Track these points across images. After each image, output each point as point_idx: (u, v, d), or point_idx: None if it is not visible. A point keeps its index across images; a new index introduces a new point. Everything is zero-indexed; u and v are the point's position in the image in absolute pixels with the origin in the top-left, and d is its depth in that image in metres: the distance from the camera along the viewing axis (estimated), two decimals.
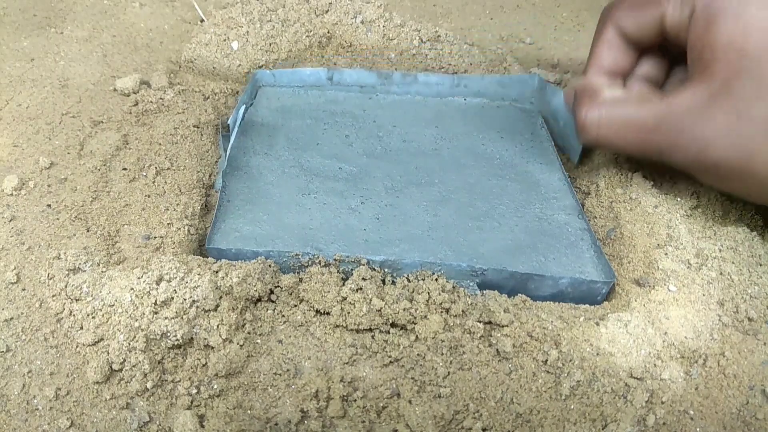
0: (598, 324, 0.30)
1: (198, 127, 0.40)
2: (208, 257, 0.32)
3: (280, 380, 0.28)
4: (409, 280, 0.31)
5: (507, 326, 0.29)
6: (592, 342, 0.30)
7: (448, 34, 0.50)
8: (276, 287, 0.30)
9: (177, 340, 0.27)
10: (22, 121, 0.38)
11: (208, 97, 0.44)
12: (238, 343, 0.28)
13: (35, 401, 0.27)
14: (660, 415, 0.28)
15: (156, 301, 0.28)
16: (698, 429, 0.28)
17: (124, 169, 0.36)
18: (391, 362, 0.29)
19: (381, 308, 0.29)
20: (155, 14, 0.52)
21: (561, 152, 0.43)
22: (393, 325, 0.29)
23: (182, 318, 0.28)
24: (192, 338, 0.28)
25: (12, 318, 0.28)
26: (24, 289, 0.29)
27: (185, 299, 0.28)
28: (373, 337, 0.29)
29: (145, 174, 0.36)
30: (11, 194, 0.33)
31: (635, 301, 0.32)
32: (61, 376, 0.27)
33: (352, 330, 0.29)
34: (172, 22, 0.51)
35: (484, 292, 0.32)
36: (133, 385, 0.27)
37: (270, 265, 0.31)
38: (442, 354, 0.29)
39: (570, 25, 0.57)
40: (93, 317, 0.28)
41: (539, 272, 0.33)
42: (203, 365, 0.28)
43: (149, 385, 0.27)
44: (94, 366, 0.27)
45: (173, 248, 0.32)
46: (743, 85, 0.29)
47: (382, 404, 0.28)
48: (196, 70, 0.47)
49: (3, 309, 0.29)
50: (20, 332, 0.28)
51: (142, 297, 0.28)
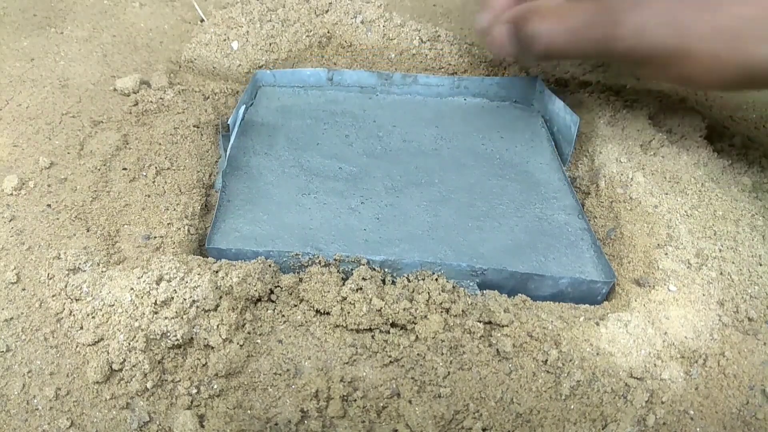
0: (598, 324, 0.30)
1: (198, 127, 0.40)
2: (208, 257, 0.32)
3: (280, 380, 0.28)
4: (409, 280, 0.31)
5: (507, 326, 0.29)
6: (592, 342, 0.30)
7: (448, 34, 0.50)
8: (276, 287, 0.30)
9: (177, 340, 0.27)
10: (22, 121, 0.38)
11: (208, 97, 0.44)
12: (238, 343, 0.28)
13: (35, 401, 0.27)
14: (660, 415, 0.28)
15: (156, 301, 0.28)
16: (698, 429, 0.28)
17: (124, 169, 0.36)
18: (391, 362, 0.29)
19: (381, 308, 0.29)
20: (155, 14, 0.52)
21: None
22: (393, 325, 0.29)
23: (182, 318, 0.28)
24: (192, 338, 0.28)
25: (12, 318, 0.28)
26: (24, 289, 0.29)
27: (185, 299, 0.28)
28: (373, 337, 0.29)
29: (145, 174, 0.36)
30: (11, 194, 0.33)
31: (635, 301, 0.32)
32: (61, 376, 0.27)
33: (352, 330, 0.29)
34: (172, 22, 0.51)
35: (484, 292, 0.32)
36: (133, 385, 0.27)
37: (270, 265, 0.31)
38: (442, 354, 0.29)
39: None
40: (93, 317, 0.28)
41: (539, 272, 0.33)
42: (203, 365, 0.28)
43: (149, 385, 0.27)
44: (94, 366, 0.27)
45: (173, 248, 0.32)
46: None
47: (382, 404, 0.28)
48: (196, 70, 0.47)
49: (3, 309, 0.29)
50: (20, 332, 0.28)
51: (142, 297, 0.28)
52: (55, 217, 0.32)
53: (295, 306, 0.30)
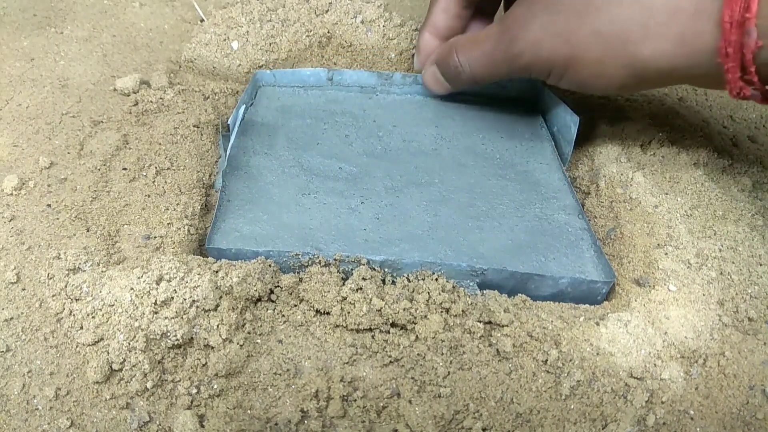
0: (598, 324, 0.30)
1: (198, 127, 0.40)
2: (208, 257, 0.32)
3: (280, 380, 0.28)
4: (409, 280, 0.31)
5: (507, 326, 0.29)
6: (592, 342, 0.30)
7: None
8: (276, 287, 0.30)
9: (177, 339, 0.27)
10: (22, 121, 0.38)
11: (208, 97, 0.44)
12: (238, 343, 0.28)
13: (35, 401, 0.27)
14: (660, 414, 0.28)
15: (156, 300, 0.28)
16: (698, 429, 0.28)
17: (124, 168, 0.36)
18: (391, 362, 0.29)
19: (381, 308, 0.29)
20: (155, 14, 0.51)
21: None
22: (393, 324, 0.29)
23: (182, 318, 0.28)
24: (192, 338, 0.28)
25: (12, 318, 0.28)
26: (24, 289, 0.29)
27: (185, 299, 0.28)
28: (373, 336, 0.29)
29: (145, 174, 0.36)
30: (11, 194, 0.33)
31: (635, 300, 0.32)
32: (61, 376, 0.27)
33: (352, 330, 0.29)
34: (172, 21, 0.51)
35: (484, 291, 0.32)
36: (133, 384, 0.27)
37: (270, 265, 0.31)
38: (442, 354, 0.29)
39: None
40: (93, 317, 0.28)
41: (539, 272, 0.33)
42: (203, 365, 0.28)
43: (149, 384, 0.27)
44: (94, 366, 0.27)
45: (173, 248, 0.32)
46: None
47: (382, 404, 0.28)
48: (196, 69, 0.47)
49: (3, 309, 0.29)
50: (20, 332, 0.28)
51: (142, 297, 0.28)
52: (55, 217, 0.32)
53: (295, 306, 0.30)
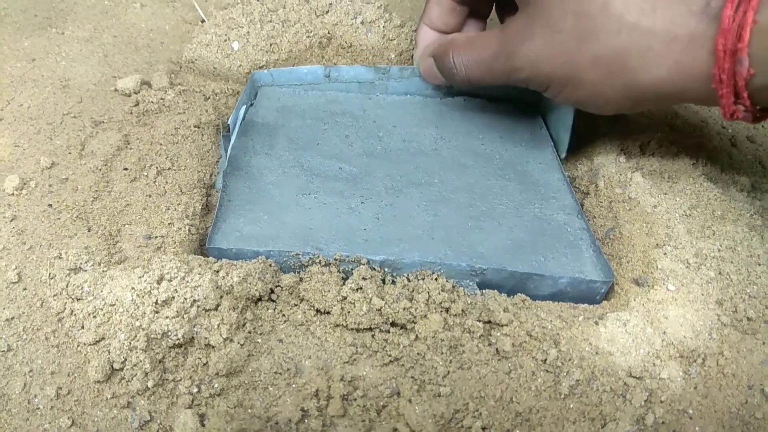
0: (597, 323, 0.31)
1: (199, 128, 0.40)
2: (208, 257, 0.32)
3: (281, 379, 0.28)
4: (409, 280, 0.31)
5: (506, 326, 0.30)
6: (591, 341, 0.30)
7: None
8: (276, 287, 0.30)
9: (178, 339, 0.27)
10: (23, 121, 0.38)
11: (209, 98, 0.44)
12: (238, 343, 0.28)
13: (36, 400, 0.27)
14: (659, 414, 0.28)
15: (157, 300, 0.28)
16: (697, 428, 0.29)
17: (125, 169, 0.36)
18: (391, 361, 0.29)
19: (381, 308, 0.29)
20: (156, 15, 0.52)
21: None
22: (393, 324, 0.29)
23: (183, 317, 0.28)
24: (193, 337, 0.28)
25: (13, 317, 0.28)
26: (25, 289, 0.29)
27: (186, 298, 0.28)
28: (373, 336, 0.29)
29: (146, 174, 0.36)
30: (12, 194, 0.33)
31: (634, 300, 0.32)
32: (62, 376, 0.27)
33: (352, 329, 0.29)
34: (173, 22, 0.51)
35: (484, 291, 0.32)
36: (134, 384, 0.27)
37: (270, 265, 0.31)
38: (442, 353, 0.29)
39: None
40: (94, 316, 0.28)
41: (539, 272, 0.33)
42: (204, 364, 0.28)
43: (150, 384, 0.27)
44: (95, 365, 0.27)
45: (174, 248, 0.32)
46: (551, 5, 0.33)
47: (382, 403, 0.28)
48: (196, 70, 0.47)
49: (4, 308, 0.29)
50: (21, 331, 0.28)
51: (143, 296, 0.28)
52: (56, 217, 0.32)
53: (296, 305, 0.30)
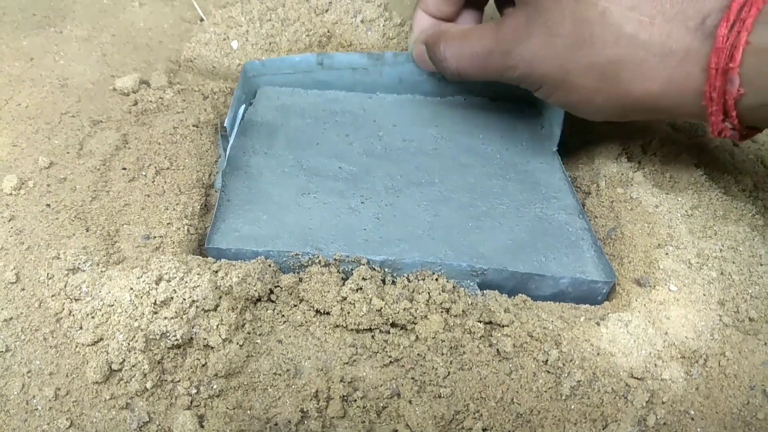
0: (598, 324, 0.30)
1: (197, 127, 0.40)
2: (207, 257, 0.32)
3: (280, 380, 0.28)
4: (409, 280, 0.31)
5: (507, 326, 0.29)
6: (592, 342, 0.30)
7: None
8: (276, 287, 0.30)
9: (176, 340, 0.27)
10: (21, 120, 0.38)
11: (208, 97, 0.44)
12: (237, 343, 0.28)
13: (35, 401, 0.27)
14: (660, 415, 0.28)
15: (155, 300, 0.28)
16: (699, 429, 0.28)
17: (124, 168, 0.36)
18: (391, 362, 0.29)
19: (381, 308, 0.29)
20: (155, 13, 0.51)
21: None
22: (393, 325, 0.29)
23: (182, 318, 0.28)
24: (191, 338, 0.28)
25: (11, 318, 0.28)
26: (23, 289, 0.29)
27: (185, 299, 0.28)
28: (373, 337, 0.29)
29: (144, 173, 0.36)
30: (10, 194, 0.33)
31: (636, 301, 0.32)
32: (61, 376, 0.27)
33: (352, 330, 0.29)
34: (172, 21, 0.51)
35: (485, 292, 0.32)
36: (133, 385, 0.27)
37: (270, 265, 0.31)
38: (443, 354, 0.29)
39: None
40: (92, 317, 0.28)
41: (540, 272, 0.33)
42: (203, 365, 0.28)
43: (149, 385, 0.27)
44: (94, 366, 0.27)
45: (173, 248, 0.32)
46: (550, 7, 0.32)
47: (382, 404, 0.28)
48: (195, 69, 0.47)
49: (2, 309, 0.28)
50: (20, 332, 0.28)
51: (141, 297, 0.28)
52: (54, 217, 0.32)
53: (295, 306, 0.30)
